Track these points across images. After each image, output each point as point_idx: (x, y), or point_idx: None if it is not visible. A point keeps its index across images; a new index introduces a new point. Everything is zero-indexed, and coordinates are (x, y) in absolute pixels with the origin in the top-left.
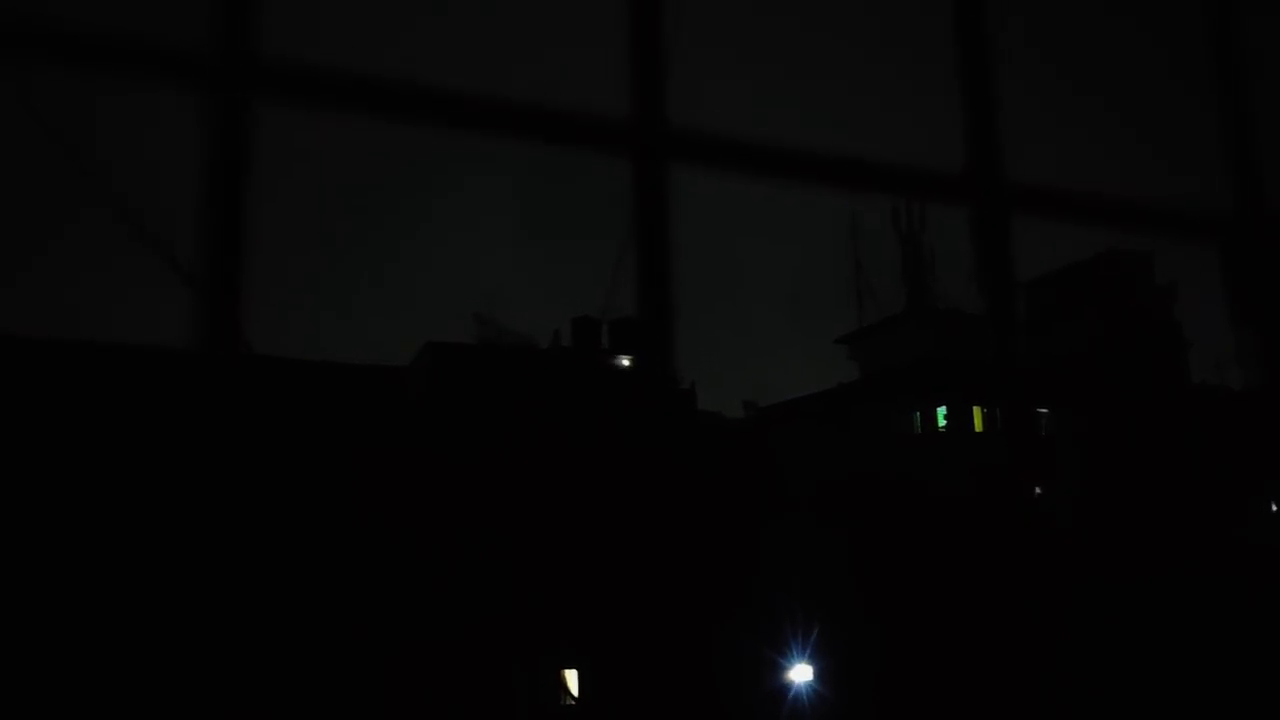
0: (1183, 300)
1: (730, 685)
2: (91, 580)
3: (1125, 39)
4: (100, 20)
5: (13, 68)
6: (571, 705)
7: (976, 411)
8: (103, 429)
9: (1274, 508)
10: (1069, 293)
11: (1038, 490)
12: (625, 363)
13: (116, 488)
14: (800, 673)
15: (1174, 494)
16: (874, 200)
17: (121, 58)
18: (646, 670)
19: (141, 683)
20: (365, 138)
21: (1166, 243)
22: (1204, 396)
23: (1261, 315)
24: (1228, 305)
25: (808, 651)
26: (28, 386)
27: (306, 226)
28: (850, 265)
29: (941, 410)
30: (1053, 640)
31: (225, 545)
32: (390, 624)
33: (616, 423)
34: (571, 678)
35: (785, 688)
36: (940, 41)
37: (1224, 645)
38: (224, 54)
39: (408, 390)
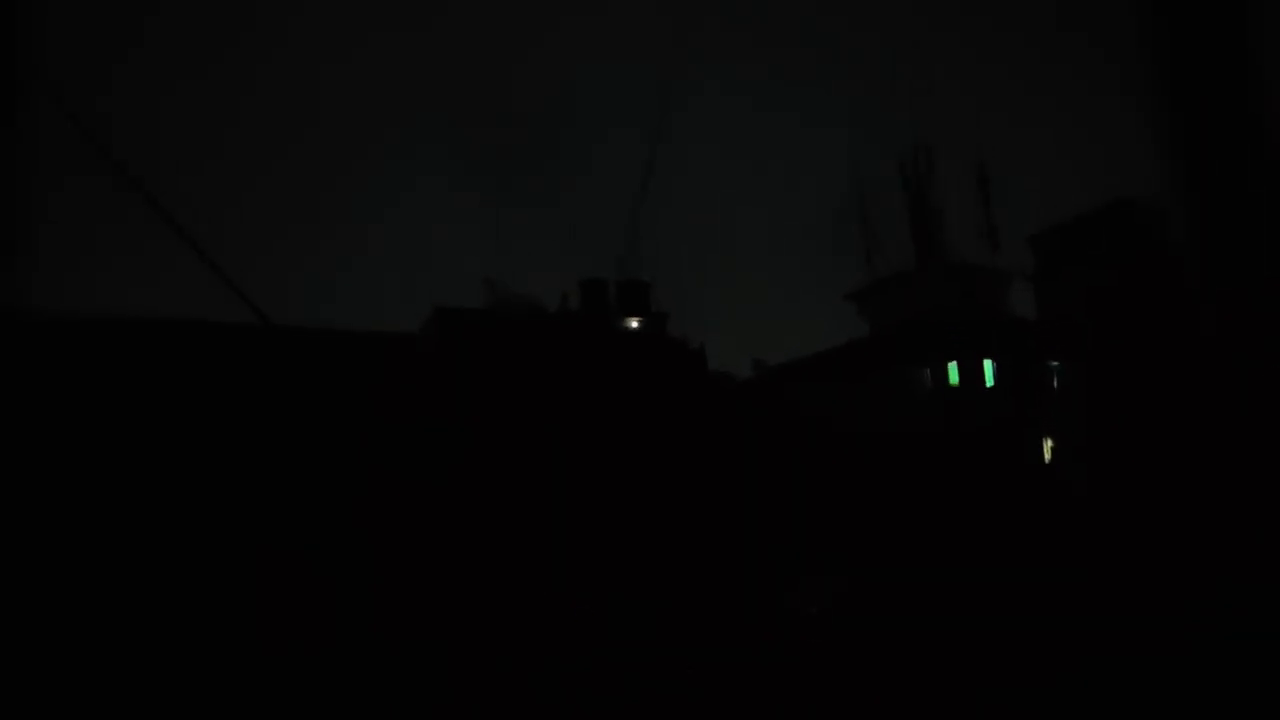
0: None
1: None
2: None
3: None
4: None
5: None
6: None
7: (987, 366)
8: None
9: None
10: (1079, 241)
11: (1050, 445)
12: (634, 324)
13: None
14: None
15: (1191, 448)
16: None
17: None
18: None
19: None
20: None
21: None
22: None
23: None
24: None
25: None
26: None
27: (304, 191)
28: (857, 219)
29: (953, 366)
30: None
31: (241, 516)
32: (398, 592)
33: (629, 384)
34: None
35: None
36: None
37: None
38: None
39: (417, 356)
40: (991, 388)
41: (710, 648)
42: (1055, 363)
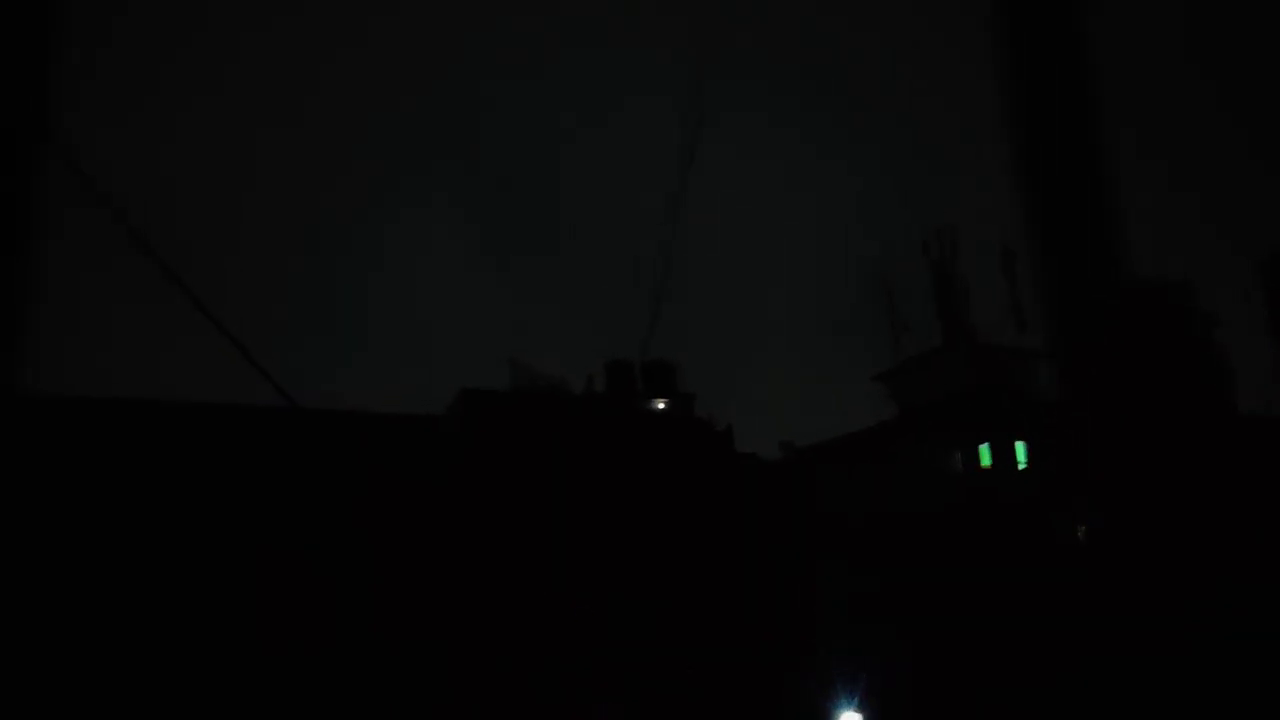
0: (1227, 329)
1: None
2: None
3: None
4: None
5: None
6: None
7: (1019, 447)
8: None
9: None
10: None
11: (1083, 528)
12: (660, 405)
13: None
14: None
15: (1222, 526)
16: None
17: None
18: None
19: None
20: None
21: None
22: (1253, 426)
23: None
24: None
25: (856, 699)
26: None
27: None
28: (882, 299)
29: (984, 447)
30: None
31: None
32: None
33: (655, 466)
34: None
35: None
36: None
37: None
38: None
39: (442, 438)
40: (1024, 469)
41: None
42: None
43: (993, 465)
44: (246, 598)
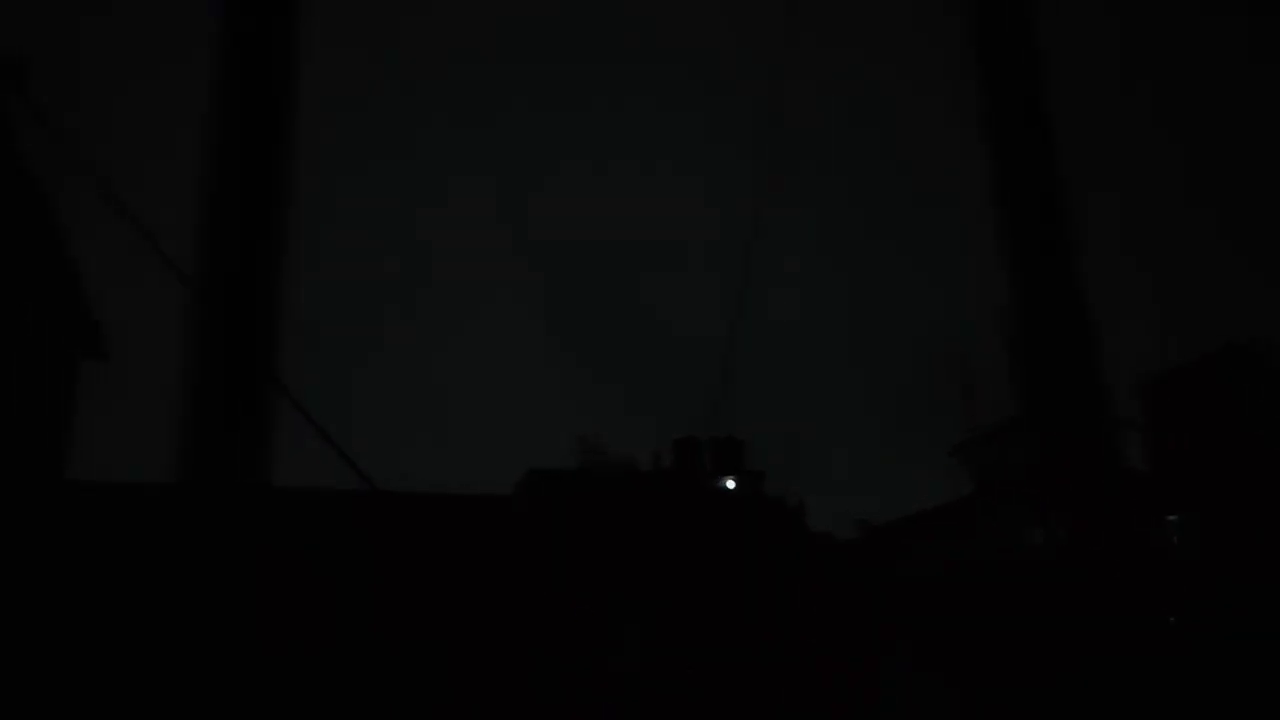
0: None
1: None
2: None
3: None
4: None
5: None
6: None
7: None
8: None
9: None
10: (1192, 387)
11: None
12: (729, 483)
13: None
14: None
15: None
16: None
17: None
18: None
19: None
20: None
21: None
22: None
23: None
24: None
25: None
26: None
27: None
28: (956, 370)
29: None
30: None
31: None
32: None
33: (726, 544)
34: None
35: None
36: None
37: None
38: None
39: (512, 517)
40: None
41: None
42: (1173, 517)
43: (1075, 540)
44: (324, 685)
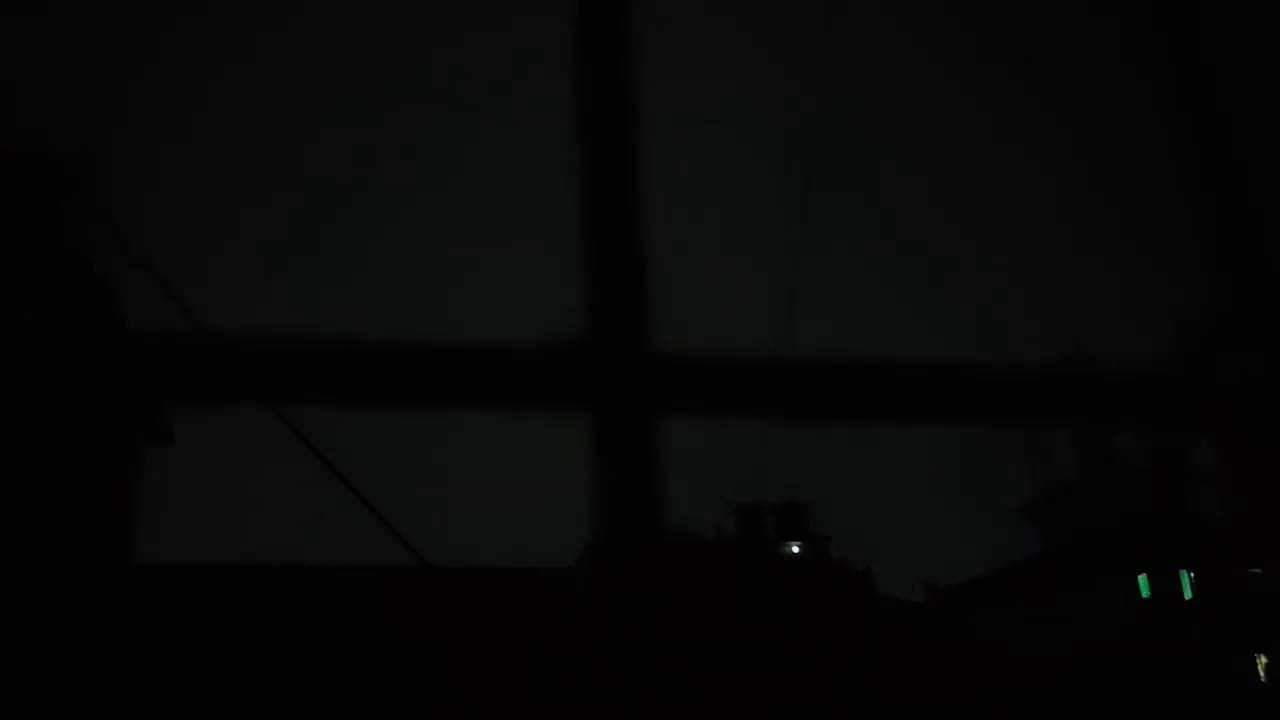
0: None
1: None
2: None
3: None
4: None
5: None
6: None
7: (1184, 576)
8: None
9: None
10: None
11: (1264, 661)
12: (794, 549)
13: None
14: None
15: None
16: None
17: None
18: None
19: None
20: None
21: None
22: None
23: None
24: None
25: None
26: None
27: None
28: (1018, 429)
29: (1143, 579)
30: None
31: None
32: None
33: (793, 612)
34: None
35: None
36: None
37: None
38: None
39: (573, 589)
40: (1189, 600)
41: None
42: (1256, 570)
43: (1153, 597)
44: None
